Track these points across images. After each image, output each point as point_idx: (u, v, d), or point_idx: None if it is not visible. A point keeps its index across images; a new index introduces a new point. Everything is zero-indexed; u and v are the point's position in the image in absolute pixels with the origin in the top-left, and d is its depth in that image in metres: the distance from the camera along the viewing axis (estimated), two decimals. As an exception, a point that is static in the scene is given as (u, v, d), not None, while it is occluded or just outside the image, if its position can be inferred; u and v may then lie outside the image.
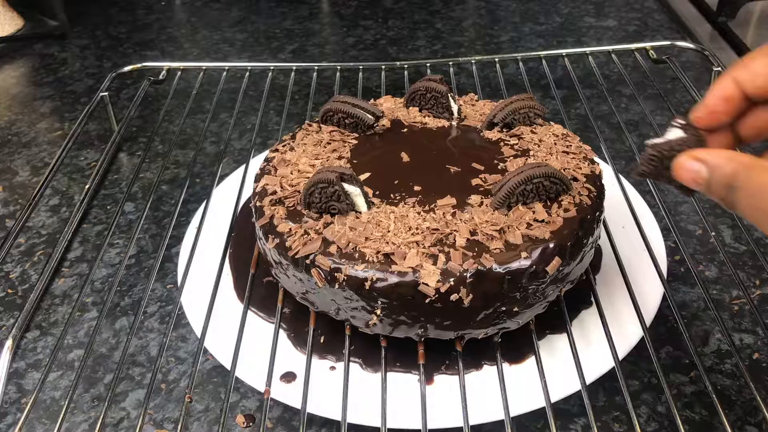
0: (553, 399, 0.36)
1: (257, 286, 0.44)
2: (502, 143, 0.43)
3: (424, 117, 0.47)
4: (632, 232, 0.46)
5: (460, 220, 0.36)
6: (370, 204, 0.38)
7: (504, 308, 0.36)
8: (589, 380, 0.37)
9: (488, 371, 0.39)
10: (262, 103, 0.61)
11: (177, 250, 0.52)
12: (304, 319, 0.41)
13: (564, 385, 0.37)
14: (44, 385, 0.44)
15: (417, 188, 0.39)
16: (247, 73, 0.66)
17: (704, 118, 0.30)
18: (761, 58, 0.29)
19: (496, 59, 0.68)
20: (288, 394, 0.38)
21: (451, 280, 0.34)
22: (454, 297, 0.34)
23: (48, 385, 0.44)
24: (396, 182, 0.40)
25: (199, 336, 0.40)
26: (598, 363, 0.38)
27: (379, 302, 0.35)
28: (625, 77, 0.64)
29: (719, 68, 0.61)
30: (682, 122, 0.31)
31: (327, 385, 0.38)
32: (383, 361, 0.38)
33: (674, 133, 0.31)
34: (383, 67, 0.67)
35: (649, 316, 0.40)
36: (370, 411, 0.36)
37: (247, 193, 0.50)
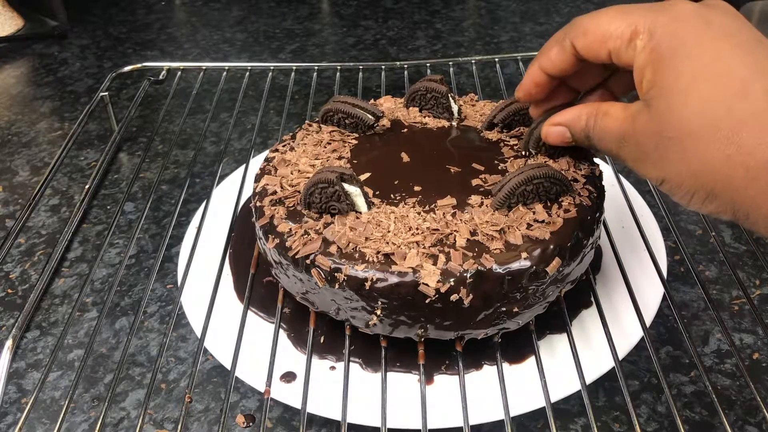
0: (553, 399, 0.36)
1: (257, 286, 0.44)
2: (502, 144, 0.43)
3: (424, 117, 0.47)
4: (632, 232, 0.46)
5: (460, 220, 0.36)
6: (370, 204, 0.38)
7: (504, 308, 0.36)
8: (589, 380, 0.37)
9: (488, 371, 0.39)
10: (262, 103, 0.62)
11: (177, 250, 0.52)
12: (304, 319, 0.41)
13: (564, 385, 0.37)
14: (44, 385, 0.44)
15: (417, 188, 0.39)
16: (247, 73, 0.66)
17: (523, 98, 0.37)
18: (554, 47, 0.34)
19: (496, 59, 0.68)
20: (288, 394, 0.38)
21: (451, 280, 0.34)
22: (454, 297, 0.34)
23: (48, 385, 0.44)
24: (396, 182, 0.40)
25: (199, 336, 0.40)
26: (598, 363, 0.38)
27: (379, 302, 0.35)
28: (625, 77, 0.63)
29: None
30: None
31: (327, 385, 0.38)
32: (383, 361, 0.38)
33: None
34: (383, 67, 0.67)
35: (649, 316, 0.40)
36: (370, 411, 0.36)
37: (247, 193, 0.50)
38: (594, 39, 0.31)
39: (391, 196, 0.39)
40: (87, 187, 0.54)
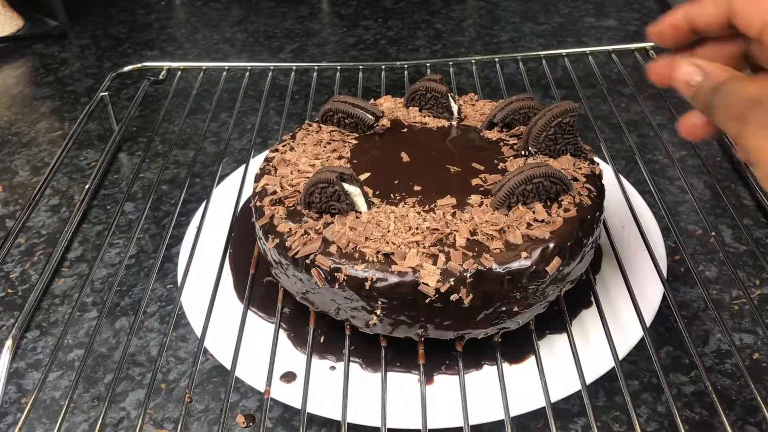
0: (553, 399, 0.36)
1: (257, 286, 0.44)
2: (501, 143, 0.43)
3: (424, 117, 0.47)
4: (632, 232, 0.46)
5: (460, 220, 0.36)
6: (370, 204, 0.38)
7: (504, 308, 0.36)
8: (589, 380, 0.37)
9: (488, 371, 0.39)
10: (262, 103, 0.61)
11: (177, 250, 0.52)
12: (304, 319, 0.41)
13: (564, 385, 0.37)
14: (44, 385, 0.44)
15: (417, 188, 0.39)
16: (247, 73, 0.66)
17: (655, 35, 0.35)
18: (711, 1, 0.33)
19: (496, 59, 0.68)
20: (288, 394, 0.38)
21: (451, 280, 0.34)
22: (454, 297, 0.34)
23: (48, 385, 0.44)
24: (396, 182, 0.40)
25: (199, 336, 0.40)
26: (598, 363, 0.38)
27: (379, 302, 0.35)
28: (625, 77, 0.64)
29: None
30: None
31: (327, 385, 0.38)
32: (383, 361, 0.38)
33: None
34: (383, 67, 0.67)
35: (649, 316, 0.40)
36: (370, 411, 0.36)
37: (247, 193, 0.50)
38: (755, 5, 0.31)
39: (391, 195, 0.39)
40: (87, 187, 0.54)
